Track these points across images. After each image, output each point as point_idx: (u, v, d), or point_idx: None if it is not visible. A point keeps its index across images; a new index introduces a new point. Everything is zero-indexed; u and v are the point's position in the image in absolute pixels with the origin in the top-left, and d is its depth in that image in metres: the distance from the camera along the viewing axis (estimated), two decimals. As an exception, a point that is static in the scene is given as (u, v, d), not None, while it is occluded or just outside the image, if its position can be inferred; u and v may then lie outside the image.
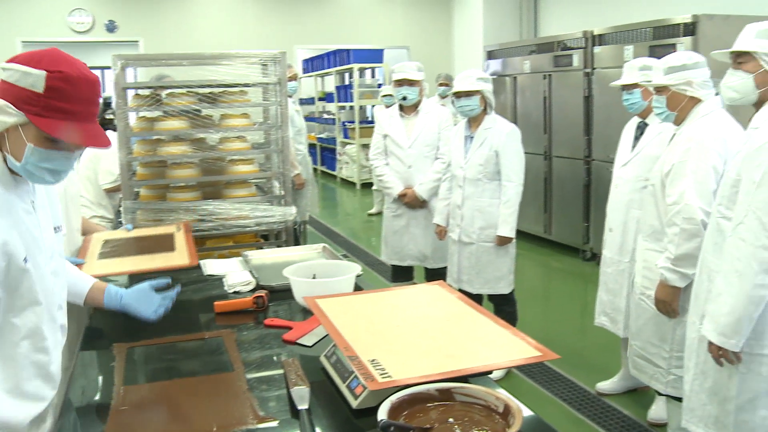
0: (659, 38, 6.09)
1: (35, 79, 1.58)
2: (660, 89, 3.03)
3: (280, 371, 1.97)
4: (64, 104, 1.60)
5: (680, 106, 2.98)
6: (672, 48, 5.76)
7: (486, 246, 4.22)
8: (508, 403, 1.49)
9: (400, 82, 4.67)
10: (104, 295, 2.21)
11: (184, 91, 3.91)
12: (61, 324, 1.85)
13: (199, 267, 3.12)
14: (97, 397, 1.95)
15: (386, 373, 1.60)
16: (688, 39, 5.76)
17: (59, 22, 11.83)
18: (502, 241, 4.17)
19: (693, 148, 2.88)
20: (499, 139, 4.11)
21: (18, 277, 1.64)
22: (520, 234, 4.21)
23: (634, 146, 3.71)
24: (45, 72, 1.58)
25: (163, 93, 3.88)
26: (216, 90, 3.95)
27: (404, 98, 4.69)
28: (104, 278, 2.44)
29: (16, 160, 1.63)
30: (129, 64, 3.79)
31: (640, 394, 3.99)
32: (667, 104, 3.01)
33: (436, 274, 4.74)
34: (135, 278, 2.67)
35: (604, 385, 4.06)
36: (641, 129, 3.71)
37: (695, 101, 2.97)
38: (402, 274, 5.02)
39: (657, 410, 3.66)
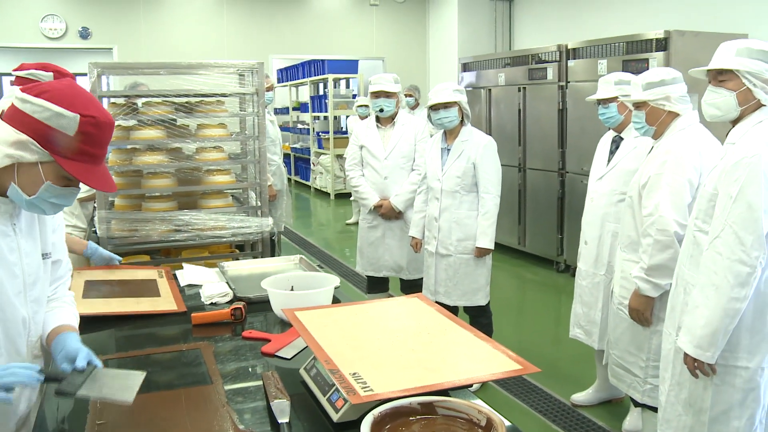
0: (632, 53, 6.17)
1: (68, 121, 1.54)
2: (639, 104, 3.08)
3: (259, 383, 1.95)
4: (90, 148, 1.58)
5: (659, 120, 3.03)
6: (644, 62, 5.85)
7: (464, 258, 4.22)
8: (491, 417, 1.49)
9: (377, 94, 4.67)
10: (56, 339, 1.80)
11: (160, 100, 3.88)
12: (35, 356, 1.77)
13: (175, 278, 3.10)
14: (72, 412, 1.91)
15: (368, 387, 1.59)
16: (660, 54, 5.85)
17: (32, 28, 11.66)
18: (482, 252, 4.18)
19: (669, 161, 2.92)
20: (477, 151, 4.13)
21: None
22: (494, 245, 4.22)
23: (609, 160, 3.74)
24: (79, 116, 1.54)
25: (139, 102, 3.85)
26: (193, 99, 3.93)
27: (381, 110, 4.69)
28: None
29: (25, 194, 1.58)
30: (105, 71, 3.75)
31: (614, 406, 4.02)
32: (646, 119, 3.05)
33: (411, 286, 4.74)
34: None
35: (579, 397, 4.08)
36: (616, 143, 3.75)
37: (673, 116, 3.01)
38: (377, 285, 5.02)
39: (632, 421, 3.69)
